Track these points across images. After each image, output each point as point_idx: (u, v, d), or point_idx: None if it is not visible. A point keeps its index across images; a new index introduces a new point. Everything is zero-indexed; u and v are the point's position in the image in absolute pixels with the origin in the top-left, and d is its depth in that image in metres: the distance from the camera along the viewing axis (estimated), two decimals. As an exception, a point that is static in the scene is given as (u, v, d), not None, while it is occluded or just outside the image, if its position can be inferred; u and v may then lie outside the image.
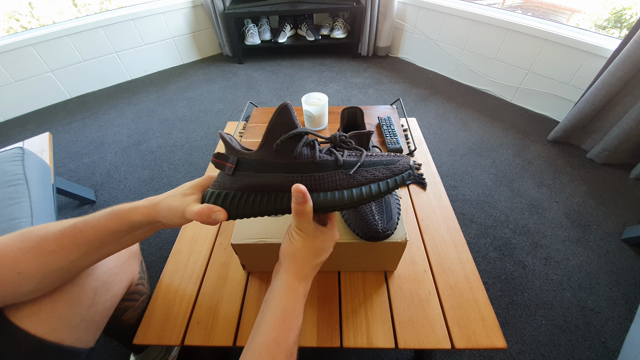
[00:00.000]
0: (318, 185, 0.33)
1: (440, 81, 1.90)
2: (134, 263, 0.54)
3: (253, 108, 1.02)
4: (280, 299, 0.33)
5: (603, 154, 1.26)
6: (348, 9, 1.95)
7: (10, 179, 0.72)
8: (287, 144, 0.33)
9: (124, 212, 0.34)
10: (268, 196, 0.33)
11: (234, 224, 0.54)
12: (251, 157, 0.33)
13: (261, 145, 0.33)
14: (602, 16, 1.89)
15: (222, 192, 0.33)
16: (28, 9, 1.86)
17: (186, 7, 1.96)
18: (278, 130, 0.33)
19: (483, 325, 0.52)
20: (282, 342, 0.31)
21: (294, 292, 0.34)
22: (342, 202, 0.32)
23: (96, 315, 0.44)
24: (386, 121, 0.89)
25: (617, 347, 0.77)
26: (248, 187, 0.33)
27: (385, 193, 0.33)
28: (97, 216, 0.34)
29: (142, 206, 0.33)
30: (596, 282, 0.90)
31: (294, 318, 0.33)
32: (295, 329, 0.33)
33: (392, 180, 0.33)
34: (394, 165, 0.34)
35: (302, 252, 0.34)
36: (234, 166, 0.33)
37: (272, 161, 0.33)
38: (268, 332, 0.32)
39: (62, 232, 0.34)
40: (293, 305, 0.33)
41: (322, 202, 0.33)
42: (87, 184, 1.25)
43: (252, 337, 0.33)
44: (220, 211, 0.32)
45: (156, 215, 0.33)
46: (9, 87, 1.60)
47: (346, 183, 0.33)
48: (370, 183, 0.33)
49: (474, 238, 1.02)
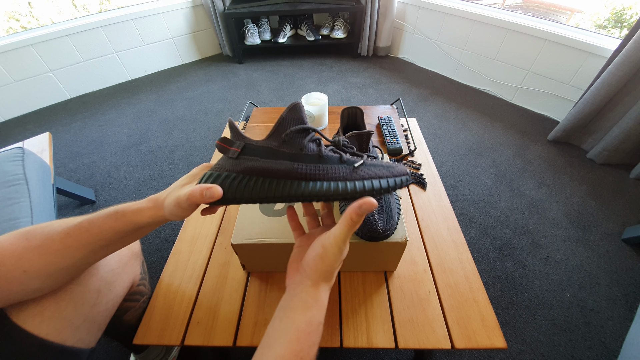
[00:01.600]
0: (323, 175, 0.34)
1: (440, 81, 1.90)
2: (135, 264, 0.55)
3: (253, 108, 1.02)
4: (305, 312, 0.32)
5: (603, 154, 1.26)
6: (348, 9, 1.95)
7: (10, 179, 0.72)
8: (295, 136, 0.34)
9: (129, 214, 0.33)
10: (270, 181, 0.33)
11: (234, 224, 0.54)
12: (258, 144, 0.34)
13: (269, 135, 0.34)
14: (602, 16, 1.89)
15: (223, 173, 0.33)
16: (28, 9, 1.86)
17: (186, 7, 1.96)
18: (287, 124, 0.34)
19: (483, 325, 0.52)
20: (305, 357, 0.30)
21: (320, 304, 0.33)
22: (345, 192, 0.33)
23: (98, 315, 0.44)
24: (386, 121, 0.89)
25: (617, 347, 0.77)
26: (251, 170, 0.33)
27: (385, 191, 0.34)
28: (101, 216, 0.34)
29: (147, 208, 0.33)
30: (596, 282, 0.90)
31: (318, 332, 0.32)
32: (317, 343, 0.32)
33: (392, 180, 0.35)
34: (393, 168, 0.36)
35: (333, 266, 0.33)
36: (239, 150, 0.33)
37: (279, 150, 0.34)
38: (291, 344, 0.30)
39: (67, 232, 0.34)
40: (319, 318, 0.32)
41: (325, 192, 0.33)
42: (87, 184, 1.25)
43: (269, 344, 0.31)
44: (213, 187, 0.30)
45: (162, 215, 0.33)
46: (9, 87, 1.60)
47: (349, 176, 0.34)
48: (371, 179, 0.34)
49: (474, 238, 1.02)
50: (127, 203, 0.34)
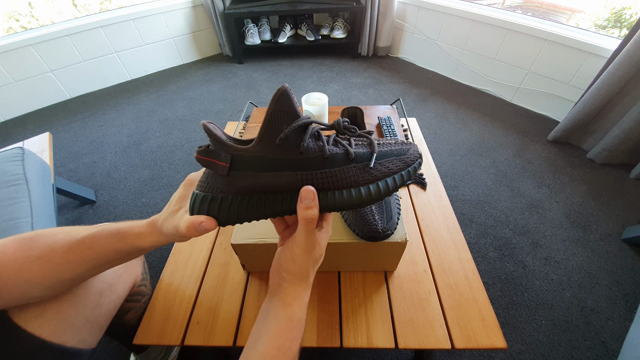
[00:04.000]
0: (331, 183, 0.29)
1: (440, 81, 1.90)
2: (137, 264, 0.55)
3: (253, 108, 1.02)
4: (285, 309, 0.32)
5: (603, 154, 1.26)
6: (348, 9, 1.95)
7: (10, 179, 0.72)
8: (292, 138, 0.28)
9: (130, 238, 0.32)
10: (274, 197, 0.29)
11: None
12: (249, 154, 0.28)
13: (259, 139, 0.28)
14: (602, 16, 1.89)
15: (217, 195, 0.28)
16: (28, 9, 1.86)
17: (186, 7, 1.96)
18: (278, 121, 0.28)
19: (483, 325, 0.52)
20: (287, 351, 0.31)
21: (300, 301, 0.33)
22: (360, 200, 0.29)
23: (100, 316, 0.44)
24: (386, 121, 0.89)
25: (617, 347, 0.77)
26: (249, 189, 0.28)
27: (401, 186, 0.31)
28: (104, 234, 0.33)
29: (148, 233, 0.32)
30: (596, 282, 0.90)
31: (300, 327, 0.33)
32: (299, 337, 0.33)
33: (406, 172, 0.31)
34: (406, 156, 0.32)
35: (305, 267, 0.32)
36: (228, 165, 0.28)
37: (276, 157, 0.28)
38: (273, 340, 0.31)
39: (70, 247, 0.34)
40: (299, 314, 0.33)
41: (338, 202, 0.29)
42: (87, 184, 1.25)
43: (253, 344, 0.32)
44: (205, 222, 0.27)
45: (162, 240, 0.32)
46: (9, 87, 1.60)
47: (360, 179, 0.30)
48: (385, 177, 0.30)
49: (474, 238, 1.02)
50: (129, 224, 0.33)
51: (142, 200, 1.18)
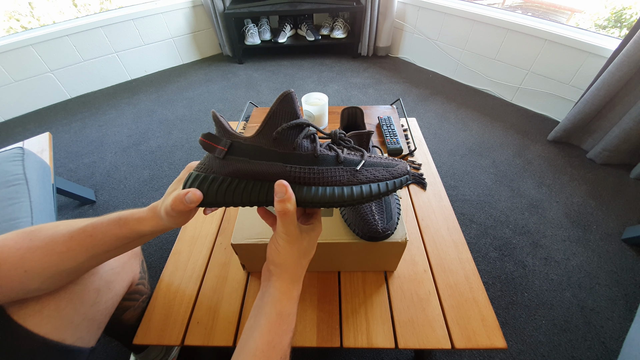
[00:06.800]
0: (318, 179, 0.31)
1: (440, 81, 1.90)
2: (135, 263, 0.55)
3: (253, 108, 1.02)
4: (274, 304, 0.33)
5: (603, 154, 1.26)
6: (348, 9, 1.95)
7: (10, 179, 0.72)
8: (288, 133, 0.31)
9: (132, 223, 0.33)
10: (261, 185, 0.31)
11: (234, 224, 0.54)
12: (247, 143, 0.31)
13: (259, 132, 0.31)
14: (602, 16, 1.89)
15: (210, 175, 0.31)
16: (28, 9, 1.86)
17: (186, 7, 1.96)
18: (279, 118, 0.31)
19: (483, 325, 0.52)
20: (277, 345, 0.31)
21: (288, 296, 0.34)
22: (341, 199, 0.31)
23: (98, 314, 0.44)
24: (386, 121, 0.89)
25: (617, 347, 0.77)
26: (240, 173, 0.31)
27: (384, 194, 0.33)
28: (105, 222, 0.34)
29: (148, 218, 0.33)
30: (596, 282, 0.90)
31: (289, 322, 0.33)
32: (289, 332, 0.33)
33: (391, 182, 0.33)
34: (393, 169, 0.34)
35: (291, 258, 0.33)
36: (226, 149, 0.30)
37: (270, 149, 0.31)
38: (263, 336, 0.31)
39: (71, 235, 0.34)
40: (288, 309, 0.33)
41: (321, 198, 0.31)
42: (87, 184, 1.25)
43: (245, 341, 0.32)
44: (190, 191, 0.29)
45: (163, 224, 0.33)
46: (9, 87, 1.60)
47: (346, 180, 0.32)
48: (370, 182, 0.32)
49: (474, 238, 1.02)
50: (130, 210, 0.34)
51: (142, 200, 1.18)
